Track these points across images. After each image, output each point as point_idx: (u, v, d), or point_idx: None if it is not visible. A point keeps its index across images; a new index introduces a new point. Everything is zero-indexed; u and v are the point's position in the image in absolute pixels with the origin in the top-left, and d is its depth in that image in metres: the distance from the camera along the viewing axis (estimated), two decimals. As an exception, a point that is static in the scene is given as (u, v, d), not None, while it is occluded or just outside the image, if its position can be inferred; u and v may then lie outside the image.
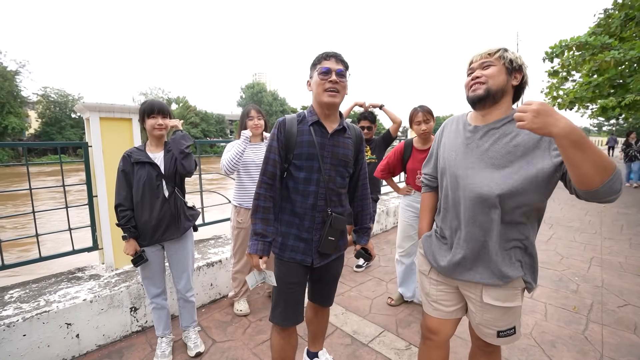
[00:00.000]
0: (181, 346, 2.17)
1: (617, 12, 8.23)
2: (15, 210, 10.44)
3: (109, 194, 2.41)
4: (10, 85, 30.61)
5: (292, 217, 1.48)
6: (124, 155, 1.93)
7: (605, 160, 0.90)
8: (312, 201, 1.44)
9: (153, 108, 1.92)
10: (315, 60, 1.46)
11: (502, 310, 1.21)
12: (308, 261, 1.49)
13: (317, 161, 1.43)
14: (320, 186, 1.44)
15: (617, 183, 0.92)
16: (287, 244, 1.49)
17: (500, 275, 1.18)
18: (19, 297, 2.10)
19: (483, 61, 1.18)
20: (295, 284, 1.51)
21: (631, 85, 7.39)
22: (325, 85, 1.39)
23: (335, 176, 1.47)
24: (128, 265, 2.58)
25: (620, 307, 2.61)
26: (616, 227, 5.03)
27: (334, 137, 1.48)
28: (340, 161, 1.48)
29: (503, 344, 1.27)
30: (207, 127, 47.82)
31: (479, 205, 1.16)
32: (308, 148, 1.43)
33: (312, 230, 1.47)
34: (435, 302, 1.37)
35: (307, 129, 1.45)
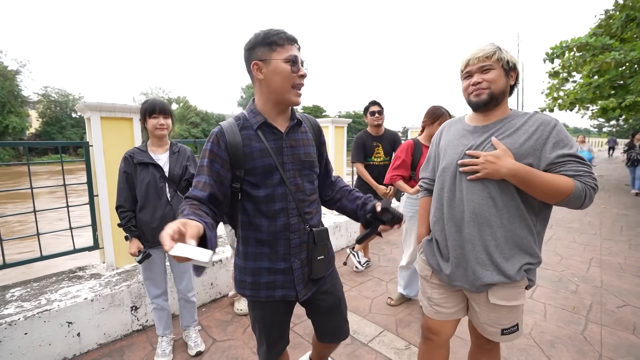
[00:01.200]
0: (182, 345, 2.18)
1: (618, 13, 8.24)
2: (15, 209, 10.46)
3: (110, 193, 2.42)
4: (11, 84, 30.66)
5: (259, 247, 1.18)
6: (126, 156, 1.92)
7: (554, 189, 1.06)
8: (283, 221, 1.15)
9: (155, 107, 1.90)
10: (272, 38, 1.08)
11: (507, 309, 1.22)
12: (292, 295, 1.20)
13: (277, 171, 1.13)
14: (288, 200, 1.15)
15: (575, 202, 1.08)
16: (261, 282, 1.19)
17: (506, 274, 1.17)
18: (20, 296, 2.11)
19: (482, 65, 1.17)
20: (278, 323, 1.28)
21: (631, 87, 7.41)
22: (295, 80, 1.11)
23: (302, 183, 1.19)
24: (129, 264, 2.59)
25: (620, 308, 2.62)
26: (616, 228, 5.03)
27: (290, 136, 1.19)
28: (305, 163, 1.20)
29: (506, 341, 1.28)
30: (208, 127, 47.80)
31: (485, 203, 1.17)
32: (262, 159, 1.12)
33: (290, 257, 1.18)
34: (437, 305, 1.36)
35: (253, 134, 1.13)
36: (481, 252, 1.19)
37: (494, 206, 1.16)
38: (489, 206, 1.16)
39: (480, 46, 1.20)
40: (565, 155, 1.08)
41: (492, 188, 1.16)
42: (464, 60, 1.22)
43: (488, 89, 1.17)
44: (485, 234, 1.17)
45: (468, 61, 1.20)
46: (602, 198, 7.49)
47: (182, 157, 2.03)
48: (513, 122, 1.18)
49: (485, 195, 1.16)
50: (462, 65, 1.23)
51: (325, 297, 1.30)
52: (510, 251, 1.18)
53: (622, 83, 8.02)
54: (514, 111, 1.24)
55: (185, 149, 2.09)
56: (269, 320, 1.25)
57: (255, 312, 1.26)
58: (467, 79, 1.22)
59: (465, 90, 1.24)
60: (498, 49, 1.17)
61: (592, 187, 1.07)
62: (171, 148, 2.02)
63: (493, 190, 1.16)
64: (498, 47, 1.18)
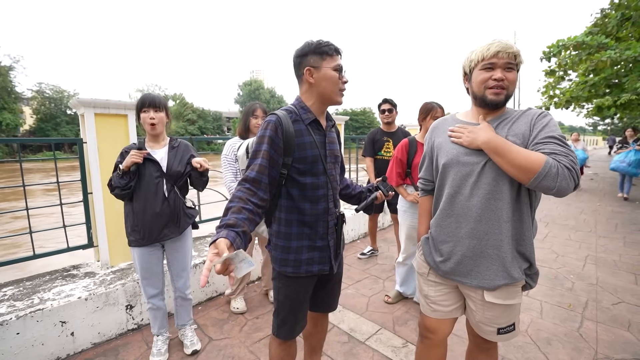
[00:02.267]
0: (177, 344, 2.16)
1: (614, 12, 8.27)
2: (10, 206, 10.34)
3: (104, 190, 2.39)
4: (5, 80, 30.28)
5: (301, 227, 1.33)
6: (123, 152, 1.88)
7: (523, 164, 1.04)
8: (324, 205, 1.34)
9: (144, 101, 1.85)
10: (323, 48, 1.26)
11: (503, 307, 1.22)
12: (326, 269, 1.38)
13: (321, 162, 1.32)
14: (328, 188, 1.35)
15: (546, 181, 1.01)
16: (302, 259, 1.33)
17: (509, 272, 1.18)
18: (13, 295, 2.08)
19: (508, 62, 1.13)
20: (306, 299, 1.43)
21: (626, 85, 7.44)
22: (340, 85, 1.31)
23: (336, 175, 1.42)
24: (124, 262, 2.57)
25: (615, 305, 2.64)
26: (610, 225, 5.08)
27: (329, 133, 1.41)
28: (337, 157, 1.44)
29: (503, 340, 1.28)
30: (204, 124, 47.58)
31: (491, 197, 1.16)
32: (311, 150, 1.29)
33: (327, 236, 1.36)
34: (434, 303, 1.37)
35: (304, 128, 1.30)
36: (488, 246, 1.18)
37: (500, 200, 1.15)
38: (495, 200, 1.15)
39: (504, 40, 1.13)
40: (549, 137, 1.08)
41: (499, 183, 1.15)
42: (491, 50, 1.12)
43: (506, 90, 1.15)
44: (493, 229, 1.17)
45: (497, 53, 1.12)
46: (597, 196, 7.55)
47: (183, 152, 1.98)
48: (508, 117, 1.20)
49: (490, 190, 1.16)
50: (487, 54, 1.13)
51: (338, 271, 1.51)
52: (513, 248, 1.18)
53: (617, 82, 8.06)
54: (509, 109, 1.25)
55: (187, 145, 2.04)
56: (302, 294, 1.39)
57: (289, 289, 1.37)
58: (488, 70, 1.15)
59: (482, 83, 1.16)
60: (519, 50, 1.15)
61: (566, 167, 1.01)
62: (170, 143, 1.98)
63: (499, 185, 1.15)
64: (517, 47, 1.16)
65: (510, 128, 1.16)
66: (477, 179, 1.17)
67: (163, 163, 1.91)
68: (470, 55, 1.19)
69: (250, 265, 0.96)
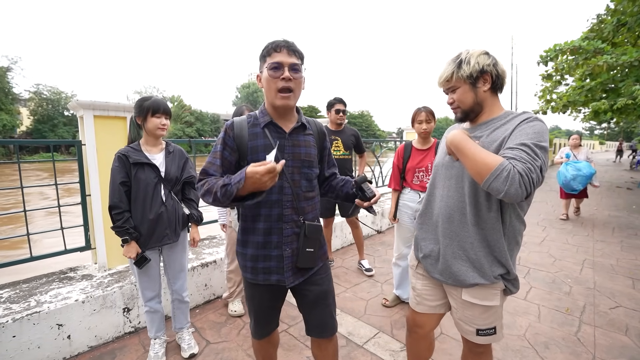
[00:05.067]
0: (175, 347, 2.14)
1: (610, 18, 8.37)
2: (6, 207, 10.26)
3: (103, 193, 2.38)
4: (2, 81, 30.21)
5: (256, 235, 1.29)
6: (119, 156, 1.83)
7: (479, 165, 1.04)
8: (278, 211, 1.26)
9: (159, 107, 1.84)
10: (263, 51, 1.24)
11: (481, 308, 1.26)
12: (283, 280, 1.31)
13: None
14: (284, 193, 1.26)
15: (496, 183, 0.99)
16: (258, 267, 1.30)
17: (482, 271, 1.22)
18: (9, 298, 2.06)
19: (447, 87, 1.26)
20: (271, 307, 1.40)
21: (623, 90, 7.51)
22: (277, 84, 1.20)
23: (300, 179, 1.30)
24: (121, 265, 2.55)
25: (612, 309, 2.65)
26: (608, 229, 5.10)
27: (293, 136, 1.30)
28: (304, 162, 1.31)
29: (483, 342, 1.31)
30: (202, 126, 47.53)
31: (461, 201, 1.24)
32: (265, 153, 1.21)
33: (282, 245, 1.28)
34: (420, 296, 1.44)
35: (260, 131, 1.26)
36: (457, 248, 1.25)
37: (468, 204, 1.21)
38: (464, 203, 1.22)
39: (444, 66, 1.24)
40: (521, 143, 1.05)
41: (466, 187, 1.21)
42: (438, 81, 1.28)
43: (459, 108, 1.25)
44: (461, 230, 1.23)
45: (439, 83, 1.28)
46: (595, 200, 7.59)
47: (179, 157, 2.01)
48: (496, 124, 1.21)
49: (461, 193, 1.23)
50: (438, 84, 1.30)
51: (312, 288, 1.37)
52: (485, 250, 1.21)
53: (613, 86, 8.13)
54: (505, 112, 1.24)
55: (182, 150, 2.07)
56: (261, 302, 1.37)
57: (248, 292, 1.38)
58: (448, 93, 1.29)
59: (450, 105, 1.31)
60: (457, 67, 1.19)
61: (519, 172, 0.97)
62: (167, 148, 1.98)
63: (467, 188, 1.21)
64: (458, 64, 1.19)
65: (491, 134, 1.18)
66: (450, 181, 1.27)
67: (162, 168, 1.91)
68: None
69: None
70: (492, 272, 1.21)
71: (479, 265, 1.21)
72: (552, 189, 9.14)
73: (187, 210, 2.06)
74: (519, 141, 1.06)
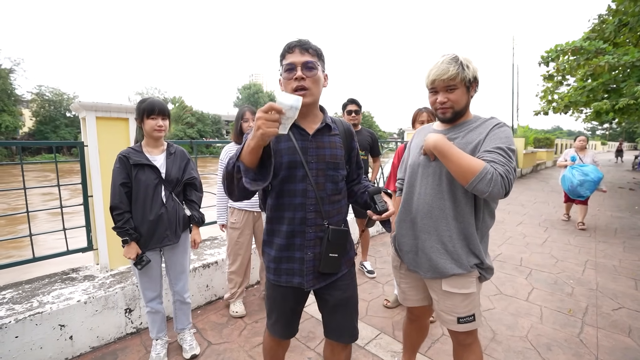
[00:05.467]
0: (176, 348, 2.15)
1: (611, 18, 8.35)
2: (8, 209, 10.31)
3: (105, 194, 2.39)
4: (5, 83, 30.36)
5: (280, 237, 1.28)
6: (120, 157, 1.85)
7: (463, 168, 1.15)
8: (301, 215, 1.24)
9: (154, 108, 1.85)
10: (280, 56, 1.24)
11: (461, 297, 1.34)
12: (304, 285, 1.29)
13: (302, 168, 1.23)
14: (308, 196, 1.24)
15: (481, 185, 1.13)
16: (281, 268, 1.30)
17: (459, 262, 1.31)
18: (12, 298, 2.07)
19: (447, 85, 1.27)
20: (292, 310, 1.37)
21: (624, 90, 7.49)
22: (292, 85, 1.19)
23: (324, 182, 1.27)
24: (123, 266, 2.56)
25: (615, 310, 2.63)
26: (610, 230, 5.08)
27: (317, 137, 1.27)
28: (329, 164, 1.27)
29: (463, 329, 1.38)
30: (204, 127, 47.66)
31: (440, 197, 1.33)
32: (288, 156, 1.22)
33: (304, 248, 1.26)
34: (404, 292, 1.57)
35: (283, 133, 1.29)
36: (436, 242, 1.33)
37: (447, 200, 1.31)
38: (443, 200, 1.31)
39: (444, 64, 1.25)
40: (497, 147, 1.19)
41: (445, 184, 1.30)
42: (430, 77, 1.28)
43: (452, 108, 1.29)
44: (440, 225, 1.32)
45: (434, 81, 1.27)
46: (596, 201, 7.56)
47: (180, 158, 2.01)
48: (468, 126, 1.32)
49: (440, 190, 1.32)
50: (428, 82, 1.30)
51: (333, 293, 1.34)
52: (462, 243, 1.31)
53: (615, 87, 8.11)
54: (475, 116, 1.37)
55: (183, 151, 2.06)
56: (283, 304, 1.35)
57: (269, 292, 1.37)
58: (433, 94, 1.31)
59: (432, 104, 1.34)
60: (461, 69, 1.24)
61: (500, 174, 1.11)
62: (168, 149, 1.99)
63: (446, 186, 1.30)
64: (461, 65, 1.24)
65: (466, 136, 1.29)
66: (428, 179, 1.35)
67: (162, 169, 1.92)
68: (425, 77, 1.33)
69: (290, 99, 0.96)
70: (468, 262, 1.31)
71: (457, 257, 1.31)
72: (553, 189, 9.11)
73: (189, 211, 2.06)
74: (494, 145, 1.20)
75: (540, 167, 15.56)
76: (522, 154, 12.78)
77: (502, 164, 1.14)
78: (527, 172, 13.51)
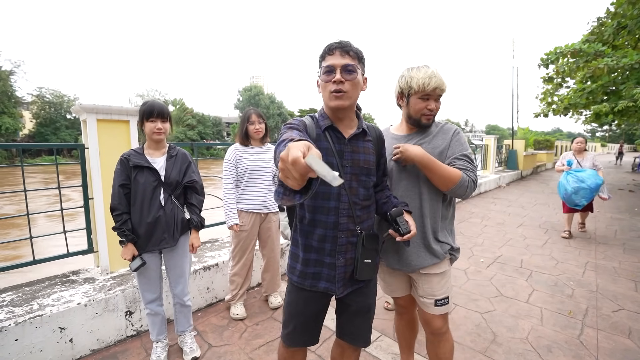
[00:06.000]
0: (177, 351, 2.14)
1: (610, 21, 8.40)
2: (9, 210, 10.30)
3: (105, 196, 2.39)
4: (5, 85, 30.40)
5: (310, 239, 1.27)
6: (121, 159, 1.88)
7: (446, 177, 1.37)
8: (334, 219, 1.23)
9: (152, 111, 1.86)
10: (319, 57, 1.23)
11: (437, 278, 1.48)
12: (332, 290, 1.27)
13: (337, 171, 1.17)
14: (341, 201, 1.23)
15: (460, 191, 1.39)
16: (308, 272, 1.27)
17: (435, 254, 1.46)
18: (12, 301, 2.07)
19: (439, 95, 1.42)
20: (312, 315, 1.33)
21: (624, 92, 7.52)
22: (329, 87, 1.18)
23: (357, 187, 1.26)
24: (123, 268, 2.56)
25: (615, 312, 2.63)
26: (610, 232, 5.08)
27: (353, 142, 1.27)
28: (362, 169, 1.27)
29: (441, 312, 1.52)
30: (204, 129, 47.70)
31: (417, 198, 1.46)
32: (326, 157, 1.20)
33: (335, 254, 1.25)
34: (390, 285, 1.66)
35: (321, 134, 1.24)
36: (416, 239, 1.45)
37: (424, 200, 1.45)
38: (420, 200, 1.45)
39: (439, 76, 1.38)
40: (463, 155, 1.42)
41: (420, 187, 1.45)
42: (430, 85, 1.36)
43: (434, 116, 1.46)
44: (419, 223, 1.44)
45: (435, 88, 1.38)
46: (596, 202, 7.56)
47: (181, 161, 2.00)
48: (430, 131, 1.49)
49: (416, 192, 1.46)
50: (427, 88, 1.37)
51: (357, 299, 1.34)
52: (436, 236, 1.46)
53: (614, 89, 8.14)
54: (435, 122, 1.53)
55: (185, 154, 2.05)
56: (304, 308, 1.32)
57: (291, 296, 1.35)
58: (424, 100, 1.41)
59: (419, 110, 1.43)
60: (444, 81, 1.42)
61: (472, 181, 1.39)
62: (169, 152, 1.99)
63: (421, 188, 1.45)
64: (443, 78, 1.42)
65: (431, 142, 1.46)
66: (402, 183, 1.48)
67: (162, 172, 1.92)
68: (410, 82, 1.40)
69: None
70: (443, 251, 1.47)
71: (433, 250, 1.45)
72: (553, 191, 9.10)
73: (189, 215, 2.06)
74: (460, 152, 1.42)
75: (540, 168, 15.57)
76: (523, 156, 12.78)
77: (472, 171, 1.40)
78: (528, 174, 13.52)
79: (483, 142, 10.37)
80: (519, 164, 12.60)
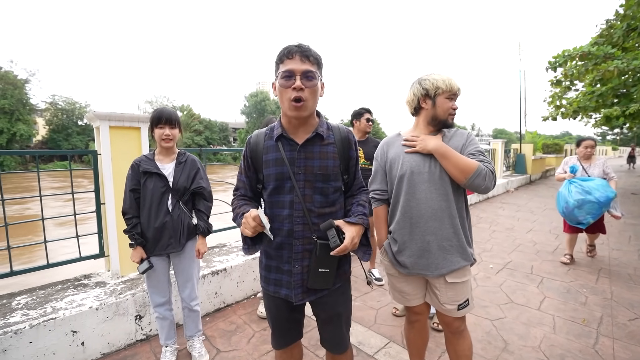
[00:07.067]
0: (186, 355, 2.15)
1: (619, 23, 8.30)
2: (21, 215, 10.52)
3: (117, 201, 2.43)
4: (20, 93, 31.23)
5: (269, 247, 1.29)
6: (133, 164, 1.94)
7: (463, 166, 1.37)
8: (288, 226, 1.22)
9: (161, 118, 1.91)
10: (277, 58, 1.17)
11: (460, 285, 1.49)
12: (291, 297, 1.26)
13: (289, 180, 1.21)
14: (295, 209, 1.21)
15: (478, 180, 1.36)
16: (270, 278, 1.30)
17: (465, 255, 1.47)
18: (26, 304, 2.11)
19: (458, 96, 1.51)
20: (283, 319, 1.35)
21: (635, 95, 7.41)
22: (288, 94, 1.13)
23: (312, 194, 1.22)
24: (134, 272, 2.59)
25: (631, 321, 2.56)
26: (624, 238, 4.97)
27: (306, 148, 1.22)
28: (317, 176, 1.21)
29: (463, 314, 1.53)
30: (211, 134, 48.27)
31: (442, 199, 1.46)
32: (275, 167, 1.22)
33: (292, 261, 1.23)
34: (409, 294, 1.62)
35: (273, 144, 1.24)
36: (443, 240, 1.45)
37: (451, 201, 1.45)
38: (446, 201, 1.45)
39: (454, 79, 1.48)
40: (477, 150, 1.46)
41: (446, 187, 1.44)
42: (456, 85, 1.48)
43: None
44: (445, 224, 1.44)
45: (459, 88, 1.49)
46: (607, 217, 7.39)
47: (190, 167, 2.02)
48: (445, 135, 1.53)
49: (442, 193, 1.45)
50: (454, 88, 1.47)
51: (323, 308, 1.33)
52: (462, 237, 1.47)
53: (625, 91, 8.02)
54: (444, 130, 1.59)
55: (194, 160, 2.07)
56: (276, 312, 1.35)
57: (268, 303, 1.38)
58: (450, 100, 1.49)
59: (447, 110, 1.49)
60: None
61: (490, 170, 1.39)
62: (178, 158, 2.02)
63: (447, 189, 1.45)
64: None
65: (449, 142, 1.49)
66: (425, 185, 1.46)
67: (170, 178, 1.96)
68: (436, 83, 1.47)
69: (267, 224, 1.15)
70: (470, 253, 1.49)
71: (462, 251, 1.46)
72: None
73: (196, 220, 2.07)
74: (474, 149, 1.46)
75: (549, 173, 15.33)
76: (531, 160, 12.61)
77: (488, 162, 1.41)
78: (536, 178, 13.32)
79: (490, 147, 10.27)
80: (528, 168, 12.42)
